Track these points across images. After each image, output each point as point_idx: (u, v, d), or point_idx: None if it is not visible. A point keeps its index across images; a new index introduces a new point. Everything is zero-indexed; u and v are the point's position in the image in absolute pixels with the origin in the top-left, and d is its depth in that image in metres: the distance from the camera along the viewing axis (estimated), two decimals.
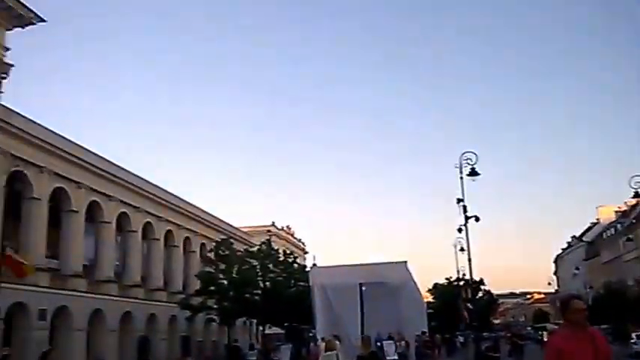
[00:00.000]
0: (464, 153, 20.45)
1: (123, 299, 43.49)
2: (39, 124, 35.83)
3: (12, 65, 30.10)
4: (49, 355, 12.18)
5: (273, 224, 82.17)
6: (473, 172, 19.74)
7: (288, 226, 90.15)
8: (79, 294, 38.02)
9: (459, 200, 20.74)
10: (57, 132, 37.70)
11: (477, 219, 20.50)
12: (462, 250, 37.77)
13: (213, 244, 47.69)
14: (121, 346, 42.21)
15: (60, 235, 38.72)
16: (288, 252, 50.93)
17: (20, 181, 34.33)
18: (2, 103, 30.58)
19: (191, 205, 57.15)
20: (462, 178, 20.49)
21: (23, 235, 34.78)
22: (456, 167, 20.51)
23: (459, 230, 21.15)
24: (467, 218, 20.54)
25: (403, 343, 21.58)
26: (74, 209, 38.96)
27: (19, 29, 31.07)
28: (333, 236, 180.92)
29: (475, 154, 20.26)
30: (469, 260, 20.88)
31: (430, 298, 68.38)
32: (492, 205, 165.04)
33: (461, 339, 52.14)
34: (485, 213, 21.82)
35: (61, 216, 38.80)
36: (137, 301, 45.41)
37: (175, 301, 45.55)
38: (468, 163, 19.99)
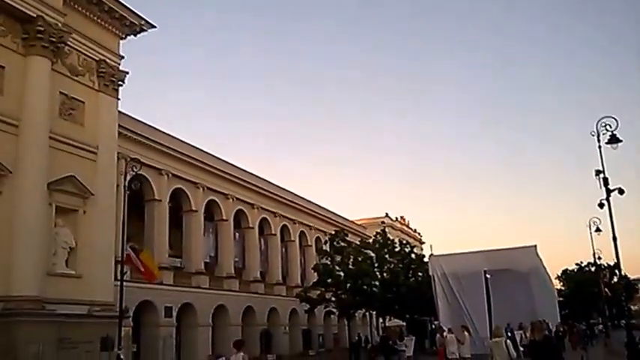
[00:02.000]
0: (602, 118, 18.22)
1: (244, 294, 44.22)
2: (157, 129, 37.18)
3: (127, 73, 31.07)
4: (243, 346, 11.95)
5: (386, 215, 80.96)
6: (613, 139, 17.50)
7: (402, 217, 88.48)
8: (202, 291, 38.98)
9: (598, 172, 18.49)
10: (174, 135, 38.95)
11: (622, 191, 18.15)
12: (597, 230, 34.68)
13: (328, 237, 47.38)
14: (244, 339, 42.75)
15: (181, 234, 39.89)
16: (404, 242, 49.52)
17: (141, 183, 35.60)
18: (120, 109, 31.68)
19: (305, 199, 57.37)
20: (599, 147, 18.24)
21: (147, 236, 36.14)
22: (593, 135, 18.32)
23: (600, 205, 18.84)
24: (609, 191, 18.21)
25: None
26: (193, 209, 40.01)
27: (132, 37, 32.09)
28: (450, 226, 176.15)
29: (615, 119, 17.99)
30: (614, 239, 18.52)
31: (559, 286, 64.21)
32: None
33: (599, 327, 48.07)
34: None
35: (181, 216, 39.96)
36: (257, 295, 46.07)
37: (294, 295, 45.71)
38: (607, 130, 17.77)
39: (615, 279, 60.28)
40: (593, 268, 62.66)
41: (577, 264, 71.82)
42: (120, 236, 25.90)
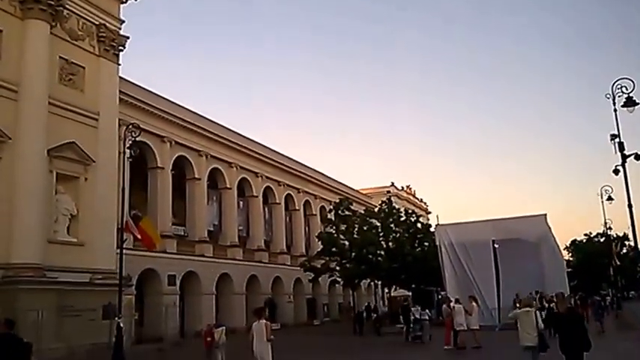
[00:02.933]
0: (617, 80, 17.40)
1: (248, 263, 44.04)
2: (159, 95, 36.48)
3: (128, 37, 30.38)
4: (264, 313, 11.69)
5: (392, 184, 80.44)
6: (630, 102, 16.70)
7: (408, 187, 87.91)
8: (205, 259, 38.75)
9: (614, 136, 17.74)
10: (176, 102, 38.26)
11: (638, 157, 17.42)
12: (609, 199, 34.00)
13: (332, 205, 46.93)
14: (248, 308, 42.77)
15: (185, 202, 39.51)
16: (410, 211, 49.01)
17: (144, 150, 35.09)
18: (121, 75, 31.03)
19: (309, 168, 56.88)
20: (615, 110, 17.46)
21: (151, 204, 35.77)
22: (608, 97, 17.50)
23: (615, 172, 18.12)
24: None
25: (553, 305, 19.18)
26: (197, 177, 39.55)
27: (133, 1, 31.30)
28: (457, 197, 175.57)
29: (632, 80, 17.16)
30: (629, 206, 17.85)
31: (567, 257, 63.76)
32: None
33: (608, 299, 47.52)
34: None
35: (184, 184, 39.53)
36: (262, 264, 45.90)
37: (298, 264, 45.49)
38: (623, 92, 16.97)
39: (625, 250, 59.84)
40: (602, 239, 62.08)
41: (586, 234, 71.37)
42: (123, 204, 25.51)
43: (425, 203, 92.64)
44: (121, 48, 30.27)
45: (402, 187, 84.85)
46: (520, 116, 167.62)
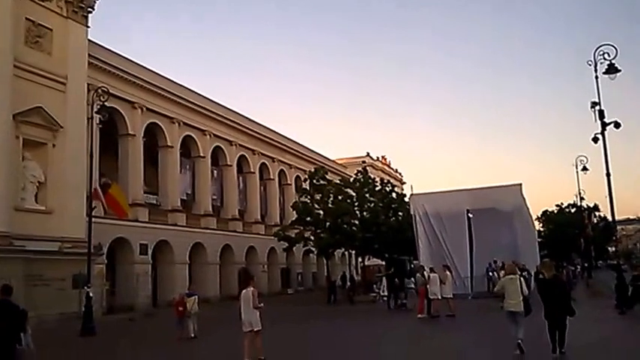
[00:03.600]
0: (600, 46, 17.12)
1: (222, 232, 43.65)
2: (129, 60, 35.44)
3: None
4: (252, 281, 11.50)
5: (368, 155, 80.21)
6: (611, 69, 16.43)
7: (383, 157, 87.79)
8: (178, 228, 38.27)
9: (594, 104, 17.51)
10: (148, 67, 37.26)
11: (618, 125, 17.25)
12: (584, 169, 34.19)
13: (308, 174, 46.53)
14: (221, 278, 42.60)
15: (157, 171, 38.84)
16: (385, 181, 48.85)
17: (114, 116, 34.25)
18: (90, 38, 30.07)
19: (284, 137, 56.30)
20: (597, 77, 17.20)
21: (122, 172, 35.03)
22: (590, 64, 17.25)
23: (594, 140, 17.93)
24: (604, 125, 17.26)
25: (525, 273, 19.23)
26: (169, 144, 38.81)
27: None
28: (433, 167, 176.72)
29: (615, 47, 16.89)
30: (607, 175, 17.72)
31: (539, 227, 64.48)
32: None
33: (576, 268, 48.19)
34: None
35: (157, 152, 38.80)
36: (236, 234, 45.57)
37: (273, 233, 45.22)
38: (605, 59, 16.72)
39: (595, 220, 60.68)
40: (573, 210, 62.93)
41: (557, 205, 72.15)
42: (91, 171, 24.94)
43: (400, 174, 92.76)
44: (90, 10, 29.33)
45: (378, 158, 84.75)
46: (497, 85, 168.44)
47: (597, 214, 65.03)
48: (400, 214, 43.53)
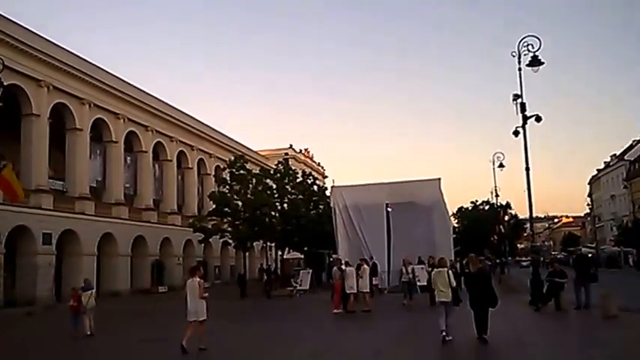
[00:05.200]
0: (524, 38, 16.87)
1: (134, 223, 41.62)
2: (34, 33, 32.82)
3: None
4: (198, 271, 12.72)
5: (290, 147, 79.41)
6: (535, 61, 16.19)
7: (306, 149, 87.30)
8: (86, 217, 36.12)
9: (516, 97, 17.24)
10: (56, 43, 34.70)
11: (539, 119, 17.01)
12: (500, 166, 34.86)
13: (227, 163, 45.09)
14: (133, 271, 40.66)
15: (64, 155, 36.42)
16: (307, 173, 48.12)
17: (17, 95, 31.70)
18: None
19: (205, 125, 54.57)
20: (520, 69, 16.91)
21: (24, 155, 32.50)
22: (514, 55, 16.94)
23: (515, 133, 17.67)
24: (525, 118, 17.03)
25: (453, 270, 18.83)
26: (78, 127, 36.51)
27: None
28: (356, 161, 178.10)
29: (539, 38, 16.65)
30: (527, 170, 17.48)
31: (454, 223, 65.83)
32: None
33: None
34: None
35: (64, 135, 36.37)
36: (150, 224, 43.64)
37: (188, 224, 43.58)
38: (529, 50, 16.48)
39: (506, 217, 62.54)
40: (487, 207, 64.87)
41: (472, 202, 74.15)
42: None
43: (323, 167, 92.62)
44: None
45: (300, 150, 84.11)
46: (419, 76, 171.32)
47: (509, 211, 67.11)
48: (321, 207, 42.96)
